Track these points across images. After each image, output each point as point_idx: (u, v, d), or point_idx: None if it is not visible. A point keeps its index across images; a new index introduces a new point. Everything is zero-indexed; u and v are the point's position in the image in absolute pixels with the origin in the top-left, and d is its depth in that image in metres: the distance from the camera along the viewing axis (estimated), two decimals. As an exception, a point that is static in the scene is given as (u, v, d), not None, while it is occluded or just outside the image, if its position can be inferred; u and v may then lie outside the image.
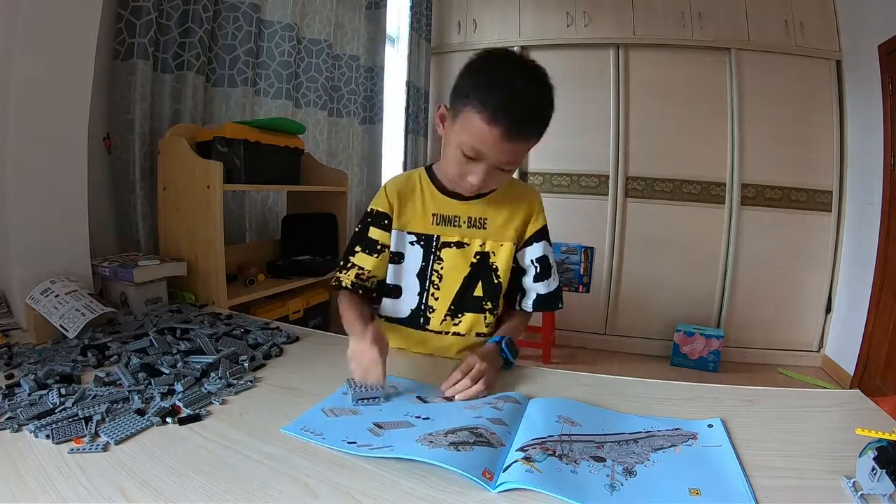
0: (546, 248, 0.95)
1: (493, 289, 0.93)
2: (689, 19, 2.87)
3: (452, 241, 0.93)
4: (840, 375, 2.71)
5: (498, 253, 0.93)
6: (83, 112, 1.09)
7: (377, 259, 0.94)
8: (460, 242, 0.93)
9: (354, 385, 0.71)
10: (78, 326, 0.91)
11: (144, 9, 1.43)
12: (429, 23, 3.12)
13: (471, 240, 0.93)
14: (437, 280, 0.93)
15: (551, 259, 0.95)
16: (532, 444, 0.57)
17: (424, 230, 0.94)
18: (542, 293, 0.95)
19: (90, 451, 0.55)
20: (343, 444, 0.57)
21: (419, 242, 0.94)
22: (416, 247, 0.94)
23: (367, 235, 0.95)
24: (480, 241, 0.93)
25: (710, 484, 0.51)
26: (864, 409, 0.71)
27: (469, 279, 0.93)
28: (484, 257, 0.93)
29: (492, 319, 0.95)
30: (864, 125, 2.63)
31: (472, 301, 0.93)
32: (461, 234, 0.93)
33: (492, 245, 0.93)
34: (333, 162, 2.36)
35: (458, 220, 0.93)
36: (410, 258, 0.94)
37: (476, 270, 0.93)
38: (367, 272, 0.94)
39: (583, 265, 2.91)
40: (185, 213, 1.37)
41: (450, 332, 0.94)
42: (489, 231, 0.93)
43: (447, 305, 0.93)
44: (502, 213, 0.93)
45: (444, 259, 0.93)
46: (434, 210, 0.93)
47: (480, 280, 0.93)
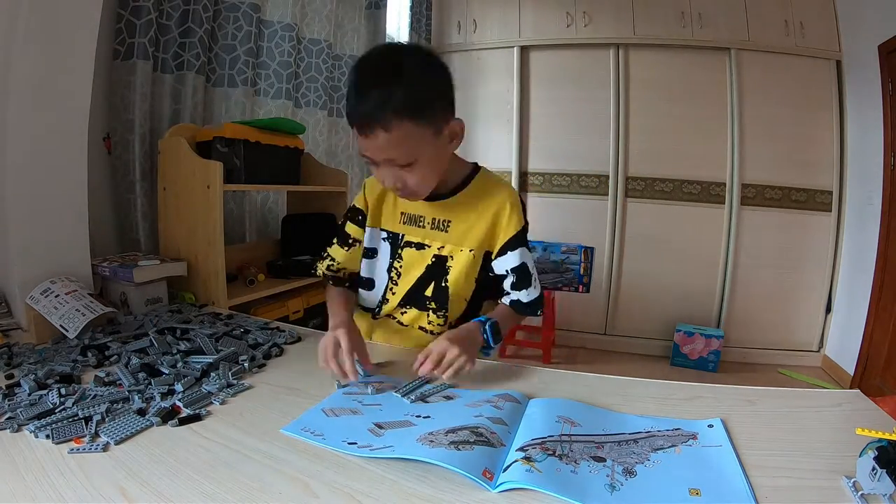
0: (523, 256, 0.90)
1: (441, 292, 0.92)
2: (689, 19, 2.87)
3: (413, 242, 0.93)
4: (840, 375, 2.71)
5: (455, 258, 0.91)
6: (83, 112, 1.09)
7: (348, 252, 0.99)
8: (420, 244, 0.93)
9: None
10: (78, 326, 0.91)
11: (144, 9, 1.43)
12: (429, 23, 3.12)
13: (431, 241, 0.92)
14: (395, 277, 0.96)
15: (530, 266, 0.91)
16: (532, 443, 0.57)
17: (393, 228, 0.96)
18: (523, 300, 0.91)
19: (90, 451, 0.55)
20: (343, 445, 0.57)
21: (388, 239, 0.96)
22: (386, 243, 0.96)
23: (343, 229, 0.99)
24: (440, 245, 0.92)
25: (711, 484, 0.51)
26: (864, 409, 0.71)
27: (421, 280, 0.93)
28: (440, 261, 0.92)
29: (436, 319, 0.94)
30: (864, 125, 2.63)
31: (421, 299, 0.94)
32: (423, 236, 0.93)
33: (450, 249, 0.91)
34: (333, 162, 2.36)
35: (423, 220, 0.93)
36: (382, 254, 0.97)
37: (429, 272, 0.92)
38: (336, 264, 1.00)
39: (583, 265, 2.91)
40: (185, 213, 1.37)
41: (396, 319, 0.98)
42: (450, 235, 0.91)
43: (399, 299, 0.96)
44: (468, 217, 0.90)
45: (403, 258, 0.94)
46: (402, 209, 0.95)
47: (433, 281, 0.92)
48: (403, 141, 0.74)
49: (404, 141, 0.74)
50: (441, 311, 0.93)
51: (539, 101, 3.18)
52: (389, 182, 0.80)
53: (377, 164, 0.79)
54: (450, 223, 0.91)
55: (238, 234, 1.84)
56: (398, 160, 0.77)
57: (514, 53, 3.14)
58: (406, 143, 0.74)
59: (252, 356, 0.85)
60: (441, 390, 0.75)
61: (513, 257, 0.90)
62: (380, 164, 0.78)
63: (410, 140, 0.74)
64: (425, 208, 0.92)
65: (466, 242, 0.90)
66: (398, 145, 0.74)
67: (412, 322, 0.96)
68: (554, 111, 3.16)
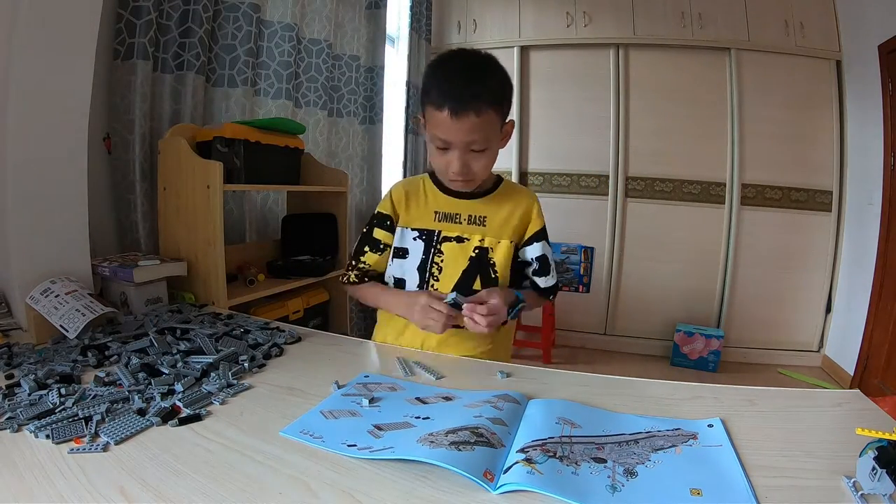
0: (545, 248, 1.01)
1: (491, 283, 0.96)
2: (689, 19, 2.87)
3: (453, 236, 0.98)
4: (840, 375, 2.71)
5: (496, 249, 0.97)
6: (83, 112, 1.09)
7: (379, 256, 1.03)
8: (460, 237, 0.98)
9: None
10: (78, 327, 0.91)
11: (144, 9, 1.43)
12: (429, 23, 3.12)
13: (470, 235, 0.98)
14: (436, 272, 0.98)
15: (550, 258, 1.02)
16: (533, 445, 0.57)
17: (427, 226, 0.99)
18: (541, 287, 1.02)
19: (90, 451, 0.55)
20: (343, 448, 0.57)
21: (421, 237, 0.99)
22: (419, 241, 0.99)
23: (371, 236, 1.04)
24: (479, 237, 0.97)
25: (711, 484, 0.51)
26: (864, 409, 0.71)
27: (467, 272, 0.97)
28: (483, 252, 0.97)
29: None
30: (864, 125, 2.63)
31: (470, 293, 0.93)
32: (461, 230, 0.98)
33: (490, 241, 0.97)
34: (333, 162, 2.36)
35: (459, 217, 0.98)
36: (413, 253, 0.99)
37: (474, 264, 0.97)
38: (367, 266, 1.04)
39: (583, 265, 2.91)
40: (185, 213, 1.37)
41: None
42: (488, 228, 0.98)
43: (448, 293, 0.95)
44: (501, 212, 0.98)
45: (444, 252, 0.98)
46: (437, 208, 0.99)
47: (479, 274, 0.96)
48: (486, 126, 0.84)
49: (487, 126, 0.84)
50: None
51: (539, 101, 3.19)
52: (457, 167, 0.88)
53: (447, 149, 0.87)
54: (485, 218, 0.99)
55: (238, 234, 1.84)
56: (476, 144, 0.86)
57: (514, 53, 3.14)
58: (488, 128, 0.85)
59: (252, 356, 0.85)
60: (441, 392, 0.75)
61: (538, 247, 1.00)
62: (453, 148, 0.86)
63: (491, 127, 0.85)
64: (460, 206, 0.99)
65: (504, 234, 0.98)
66: (481, 129, 0.84)
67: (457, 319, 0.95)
68: (554, 111, 3.16)
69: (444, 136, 0.85)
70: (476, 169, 0.89)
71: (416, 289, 0.98)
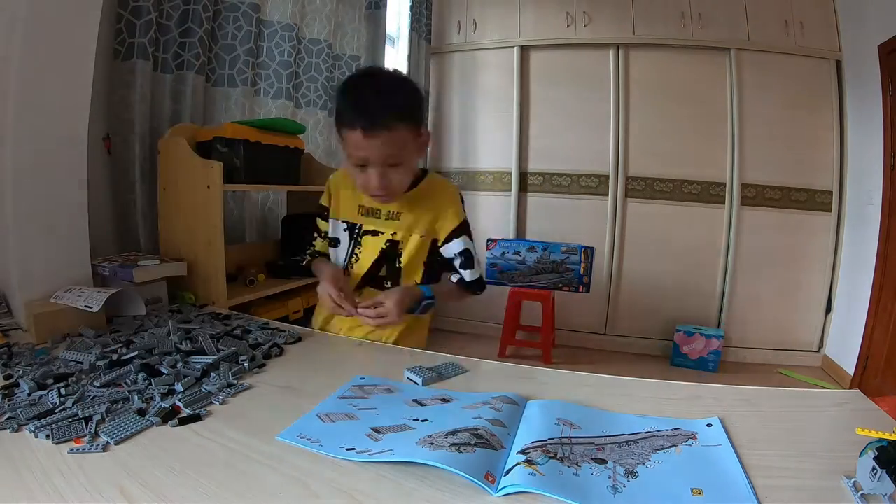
0: (466, 243, 1.06)
1: (395, 271, 1.06)
2: (689, 19, 2.87)
3: (370, 230, 1.07)
4: (840, 375, 2.71)
5: (406, 242, 1.05)
6: (83, 112, 1.09)
7: (323, 242, 1.15)
8: (376, 231, 1.07)
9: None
10: (101, 300, 0.97)
11: (144, 9, 1.43)
12: (429, 23, 3.12)
13: (384, 229, 1.06)
14: (354, 261, 1.08)
15: (473, 252, 1.08)
16: (533, 446, 0.57)
17: (352, 219, 1.09)
18: (468, 279, 1.08)
19: (90, 451, 0.55)
20: (342, 452, 0.57)
21: (347, 229, 1.10)
22: (346, 233, 1.10)
23: (316, 226, 1.16)
24: (392, 231, 1.05)
25: (712, 484, 0.51)
26: (864, 409, 0.71)
27: (377, 262, 1.06)
28: (393, 245, 1.05)
29: None
30: (864, 125, 2.63)
31: (377, 279, 1.06)
32: (377, 225, 1.07)
33: (402, 235, 1.05)
34: (333, 162, 2.36)
35: (379, 212, 1.06)
36: (343, 243, 1.11)
37: (383, 255, 1.06)
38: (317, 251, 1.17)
39: (583, 265, 2.91)
40: (185, 213, 1.37)
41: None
42: (401, 223, 1.05)
43: (356, 283, 1.07)
44: (415, 209, 1.04)
45: (362, 244, 1.08)
46: (360, 202, 1.08)
47: (386, 263, 1.06)
48: (399, 141, 0.88)
49: (400, 141, 0.89)
50: None
51: (539, 101, 3.19)
52: (375, 182, 0.92)
53: (366, 166, 0.91)
54: (400, 214, 1.05)
55: (238, 234, 1.84)
56: (391, 159, 0.90)
57: (514, 53, 3.14)
58: (401, 142, 0.89)
59: (252, 356, 0.85)
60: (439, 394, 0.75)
61: (458, 244, 1.06)
62: (371, 165, 0.90)
63: (404, 141, 0.90)
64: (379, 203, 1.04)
65: (415, 229, 1.04)
66: (395, 144, 0.88)
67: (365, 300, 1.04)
68: (554, 111, 3.16)
69: (360, 154, 0.90)
70: (395, 182, 0.94)
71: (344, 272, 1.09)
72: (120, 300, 1.07)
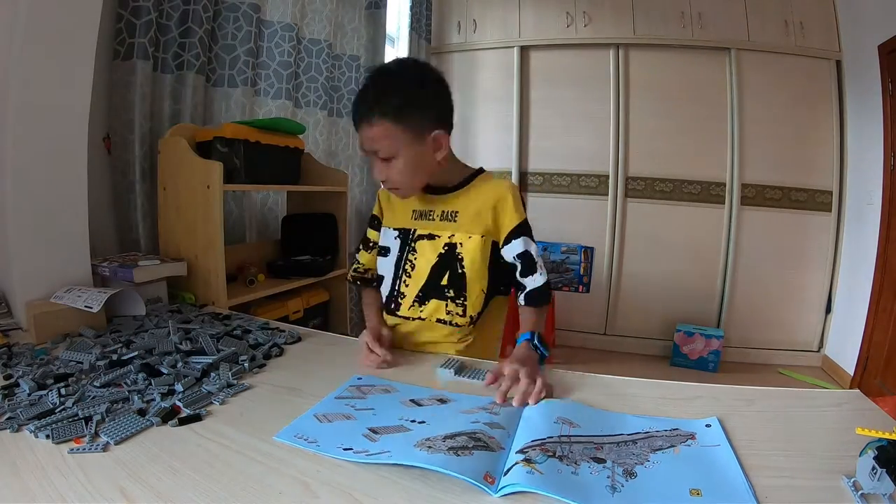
0: (526, 244, 0.96)
1: (458, 278, 0.96)
2: (689, 19, 2.87)
3: (426, 234, 1.00)
4: (840, 375, 2.71)
5: (465, 244, 0.97)
6: (83, 112, 1.09)
7: (369, 255, 1.11)
8: (432, 234, 1.00)
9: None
10: (101, 300, 0.96)
11: (144, 9, 1.43)
12: (429, 23, 3.12)
13: (441, 232, 0.99)
14: (409, 269, 1.01)
15: (534, 254, 0.97)
16: (532, 445, 0.57)
17: (405, 225, 1.03)
18: (529, 288, 0.96)
19: (90, 451, 0.55)
20: (339, 452, 0.56)
21: (399, 236, 1.03)
22: (397, 240, 1.03)
23: (365, 235, 1.13)
24: (450, 233, 0.98)
25: (711, 484, 0.51)
26: (864, 409, 0.71)
27: (436, 268, 0.98)
28: (451, 248, 0.98)
29: (455, 308, 0.97)
30: (864, 125, 2.63)
31: (438, 288, 0.98)
32: (433, 227, 1.00)
33: (460, 237, 0.97)
34: (333, 162, 2.36)
35: (433, 213, 1.01)
36: (392, 251, 1.04)
37: (442, 260, 0.98)
38: (361, 265, 1.13)
39: (583, 265, 2.91)
40: (185, 213, 1.37)
41: (415, 318, 1.00)
42: (459, 223, 0.98)
43: (416, 293, 0.99)
44: (472, 207, 0.98)
45: (417, 250, 1.00)
46: (414, 206, 1.03)
47: (448, 270, 0.97)
48: (384, 136, 0.87)
49: (385, 137, 0.87)
50: (460, 300, 0.97)
51: (539, 101, 3.18)
52: (376, 173, 0.93)
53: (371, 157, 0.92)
54: (457, 213, 0.98)
55: (238, 234, 1.84)
56: (381, 153, 0.89)
57: (514, 53, 3.14)
58: (387, 139, 0.88)
59: (252, 356, 0.85)
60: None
61: (517, 245, 0.96)
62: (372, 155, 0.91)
63: (389, 138, 0.87)
64: (434, 203, 1.00)
65: (474, 229, 0.97)
66: (379, 140, 0.88)
67: (431, 315, 0.98)
68: (554, 111, 3.16)
69: (361, 144, 0.92)
70: (392, 177, 0.92)
71: (391, 285, 1.02)
72: (120, 300, 1.07)
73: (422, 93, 0.90)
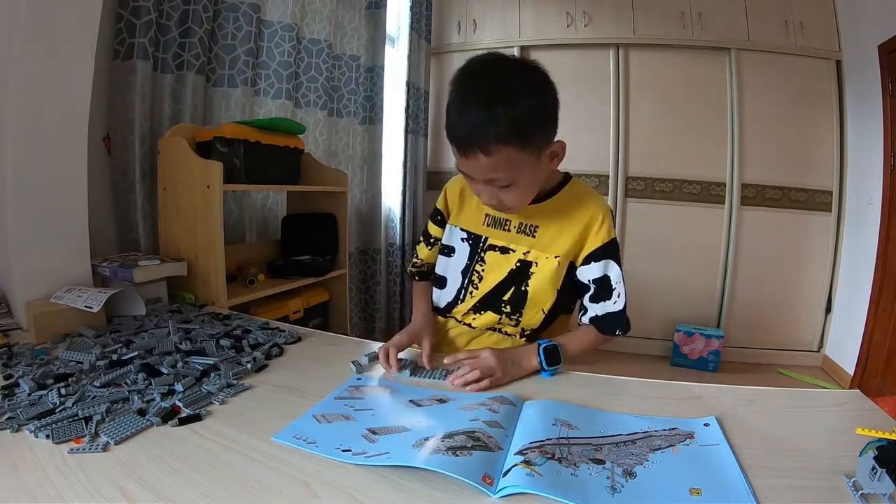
0: (608, 268, 0.86)
1: (520, 297, 0.89)
2: (689, 19, 2.87)
3: (498, 245, 0.91)
4: (840, 375, 2.71)
5: (540, 264, 0.88)
6: (83, 112, 1.09)
7: (430, 250, 1.04)
8: (505, 248, 0.91)
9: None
10: (101, 300, 0.96)
11: (144, 9, 1.43)
12: (429, 23, 3.12)
13: (516, 246, 0.90)
14: (476, 280, 0.93)
15: (613, 280, 0.86)
16: (531, 447, 0.57)
17: (475, 229, 0.95)
18: (598, 314, 0.87)
19: (90, 451, 0.55)
20: (337, 453, 0.56)
21: (468, 240, 0.95)
22: (465, 244, 0.95)
23: (426, 230, 1.06)
24: (525, 249, 0.89)
25: (710, 483, 0.51)
26: (864, 409, 0.71)
27: (502, 284, 0.90)
28: (524, 266, 0.89)
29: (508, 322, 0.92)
30: (864, 125, 2.63)
31: (497, 303, 0.91)
32: (508, 239, 0.91)
33: (536, 255, 0.88)
34: (333, 162, 2.36)
35: (509, 224, 0.91)
36: (459, 254, 0.96)
37: (511, 277, 0.90)
38: (420, 260, 1.07)
39: (583, 265, 2.91)
40: (185, 213, 1.37)
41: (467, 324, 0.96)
42: (537, 240, 0.89)
43: (474, 303, 0.94)
44: (555, 223, 0.87)
45: (486, 261, 0.92)
46: (487, 210, 0.93)
47: (513, 287, 0.90)
48: (504, 165, 0.73)
49: (505, 165, 0.73)
50: (515, 316, 0.90)
51: (539, 101, 3.18)
52: (486, 199, 0.80)
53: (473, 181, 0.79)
54: (537, 228, 0.89)
55: (238, 234, 1.84)
56: (498, 182, 0.76)
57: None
58: (507, 167, 0.73)
59: (252, 356, 0.85)
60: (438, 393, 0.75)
61: (597, 268, 0.86)
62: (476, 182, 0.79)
63: (511, 164, 0.73)
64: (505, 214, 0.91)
65: (553, 249, 0.87)
66: (498, 169, 0.73)
67: (483, 325, 0.94)
68: (554, 111, 3.15)
69: (462, 168, 0.78)
70: (508, 202, 0.80)
71: (456, 291, 0.96)
72: (120, 300, 1.07)
73: (539, 101, 0.75)
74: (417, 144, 3.06)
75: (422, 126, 3.11)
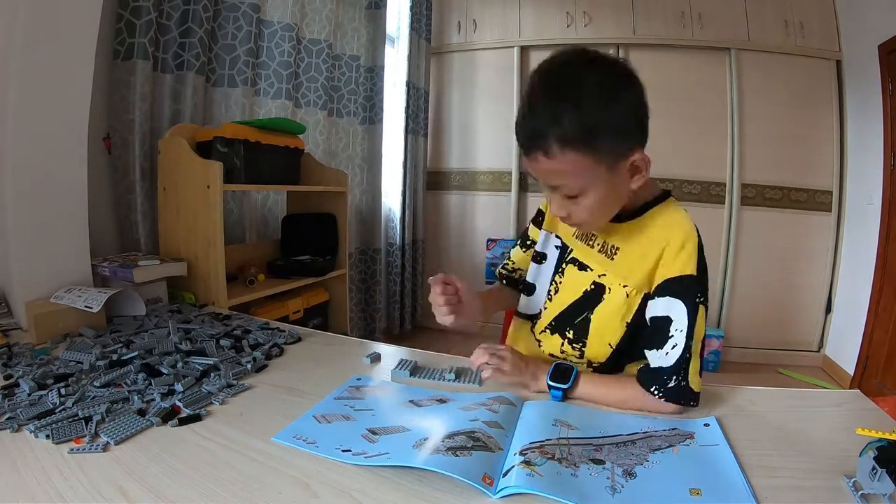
0: (672, 308, 0.70)
1: (582, 324, 0.81)
2: (689, 19, 2.87)
3: (578, 261, 0.84)
4: (840, 375, 2.71)
5: (612, 291, 0.78)
6: (83, 112, 1.09)
7: (524, 254, 0.98)
8: (584, 265, 0.83)
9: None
10: (101, 301, 0.96)
11: (144, 9, 1.43)
12: (429, 23, 3.12)
13: (594, 265, 0.81)
14: (552, 292, 0.87)
15: (674, 325, 0.70)
16: (531, 447, 0.57)
17: (566, 238, 0.89)
18: (652, 365, 0.72)
19: (90, 451, 0.55)
20: (337, 453, 0.56)
21: (560, 247, 0.90)
22: (557, 252, 0.90)
23: (526, 231, 0.99)
24: (602, 272, 0.80)
25: (710, 484, 0.51)
26: (864, 409, 0.71)
27: (575, 305, 0.82)
28: (598, 290, 0.79)
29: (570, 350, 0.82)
30: (864, 125, 2.63)
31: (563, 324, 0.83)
32: (589, 257, 0.83)
33: (610, 281, 0.78)
34: (333, 162, 2.36)
35: (594, 240, 0.83)
36: (550, 261, 0.90)
37: (585, 299, 0.81)
38: (511, 263, 1.01)
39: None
40: (185, 213, 1.37)
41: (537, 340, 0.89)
42: (615, 264, 0.78)
43: (550, 319, 0.86)
44: (636, 248, 0.77)
45: (565, 274, 0.86)
46: None
47: (585, 312, 0.81)
48: (566, 171, 0.66)
49: (567, 172, 0.66)
50: (577, 345, 0.81)
51: (539, 101, 3.18)
52: (554, 208, 0.73)
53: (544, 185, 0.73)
54: (618, 250, 0.79)
55: (238, 234, 1.84)
56: (562, 191, 0.69)
57: (514, 53, 3.14)
58: (570, 174, 0.67)
59: (252, 356, 0.85)
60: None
61: (660, 304, 0.72)
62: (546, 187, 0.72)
63: (575, 172, 0.66)
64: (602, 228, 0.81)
65: (629, 277, 0.76)
66: (559, 175, 0.67)
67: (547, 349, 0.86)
68: (554, 111, 3.15)
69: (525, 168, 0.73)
70: (576, 217, 0.72)
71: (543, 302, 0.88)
72: (120, 300, 1.07)
73: (616, 103, 0.66)
74: (417, 144, 3.06)
75: (422, 126, 3.11)
